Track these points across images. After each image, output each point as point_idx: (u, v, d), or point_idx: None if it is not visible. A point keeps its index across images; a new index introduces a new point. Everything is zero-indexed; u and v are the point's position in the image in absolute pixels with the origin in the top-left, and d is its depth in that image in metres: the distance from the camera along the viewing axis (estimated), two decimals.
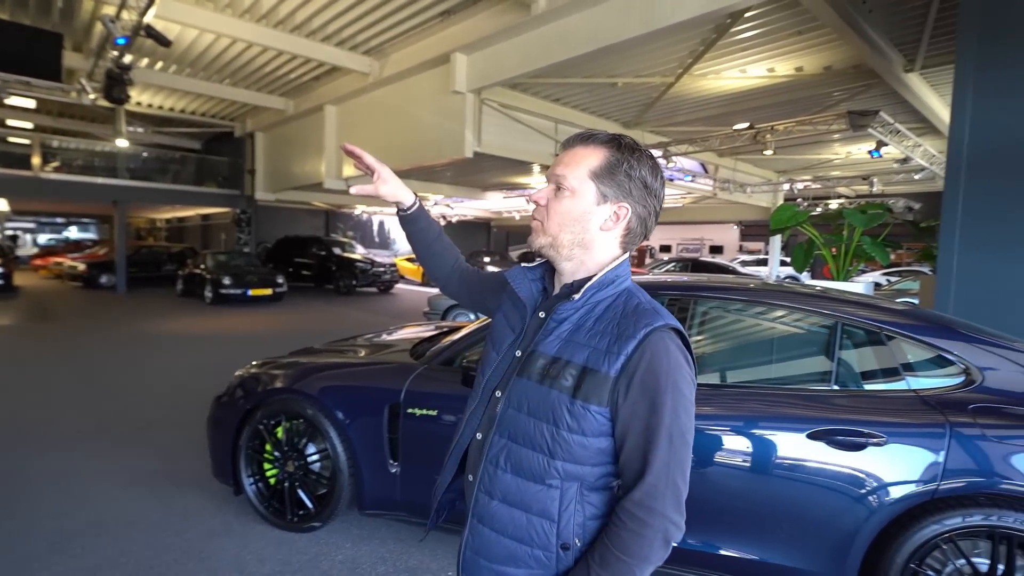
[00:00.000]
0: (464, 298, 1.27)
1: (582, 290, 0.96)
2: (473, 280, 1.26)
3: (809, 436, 1.92)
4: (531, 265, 1.09)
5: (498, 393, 1.01)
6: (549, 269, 1.07)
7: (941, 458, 1.78)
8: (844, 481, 1.87)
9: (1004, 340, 2.05)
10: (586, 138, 0.98)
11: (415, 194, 1.21)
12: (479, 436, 1.03)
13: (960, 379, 1.94)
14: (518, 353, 1.01)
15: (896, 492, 1.82)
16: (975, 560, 1.80)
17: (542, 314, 1.01)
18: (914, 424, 1.86)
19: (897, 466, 1.83)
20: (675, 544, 0.88)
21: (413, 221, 1.21)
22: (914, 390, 1.95)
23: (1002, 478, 1.74)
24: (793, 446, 1.93)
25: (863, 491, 1.85)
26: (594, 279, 0.96)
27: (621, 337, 0.90)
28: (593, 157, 0.96)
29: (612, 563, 0.86)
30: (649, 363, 0.87)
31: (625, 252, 1.01)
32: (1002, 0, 3.45)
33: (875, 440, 1.85)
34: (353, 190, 1.21)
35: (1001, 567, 1.77)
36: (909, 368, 2.01)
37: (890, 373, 2.03)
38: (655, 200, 0.99)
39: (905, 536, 1.82)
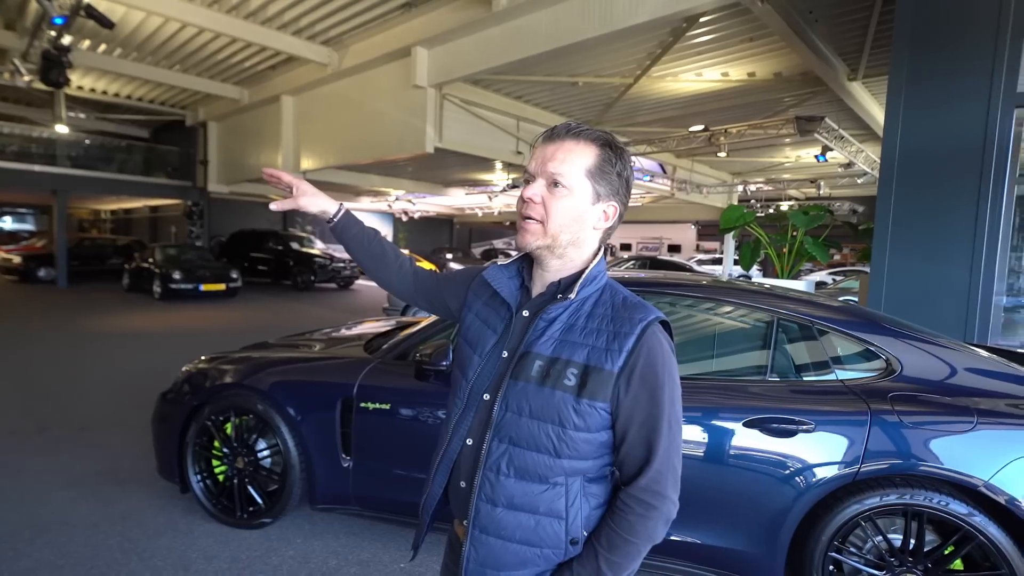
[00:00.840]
0: (421, 300, 1.23)
1: (575, 288, 0.95)
2: (429, 282, 1.22)
3: (745, 424, 2.02)
4: (506, 263, 1.08)
5: (487, 396, 0.99)
6: (525, 265, 1.06)
7: (862, 442, 1.92)
8: (776, 466, 1.99)
9: (926, 335, 2.21)
10: (576, 133, 0.96)
11: (340, 203, 1.20)
12: (470, 442, 1.00)
13: (882, 369, 2.09)
14: (505, 354, 0.99)
15: (822, 474, 1.94)
16: (891, 536, 1.95)
17: (526, 313, 1.00)
18: (840, 412, 1.98)
19: (824, 451, 1.96)
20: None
21: (345, 229, 1.19)
22: (841, 380, 2.09)
23: (917, 459, 1.88)
24: (732, 434, 2.03)
25: (793, 475, 1.97)
26: (584, 276, 0.96)
27: (619, 334, 0.92)
28: (587, 154, 0.94)
29: (620, 546, 0.90)
30: (647, 357, 0.90)
31: (601, 247, 1.02)
32: (931, 18, 3.69)
33: (804, 427, 1.97)
34: (273, 206, 1.19)
35: (913, 541, 1.92)
36: (838, 360, 2.14)
37: (820, 365, 2.16)
38: (630, 198, 1.02)
39: (830, 516, 1.95)
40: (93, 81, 12.46)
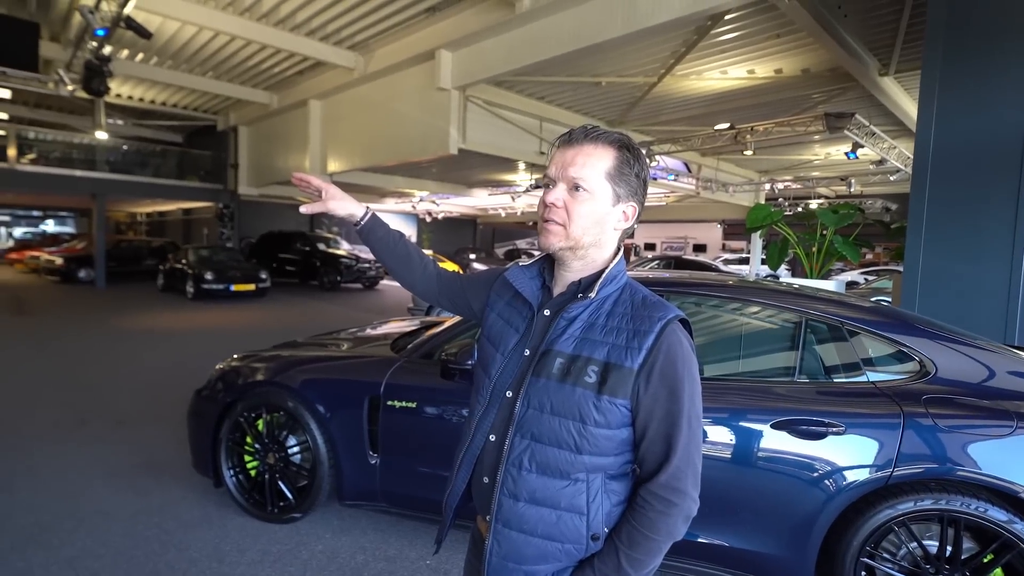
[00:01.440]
0: (444, 301, 1.26)
1: (596, 288, 0.97)
2: (452, 283, 1.25)
3: (773, 426, 1.99)
4: (527, 263, 1.10)
5: (509, 394, 1.01)
6: (547, 265, 1.08)
7: (896, 446, 1.87)
8: (805, 469, 1.95)
9: (962, 336, 2.15)
10: (594, 136, 0.97)
11: (367, 207, 1.23)
12: (492, 438, 1.02)
13: (915, 371, 2.04)
14: (527, 352, 1.01)
15: (854, 478, 1.90)
16: (926, 542, 1.90)
17: (547, 312, 1.02)
18: (871, 414, 1.94)
19: (855, 454, 1.92)
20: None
21: (371, 231, 1.22)
22: (872, 382, 2.04)
23: (953, 464, 1.83)
24: (759, 436, 2.01)
25: (823, 478, 1.93)
26: (604, 275, 0.98)
27: (638, 332, 0.93)
28: (606, 157, 0.96)
29: (641, 542, 0.91)
30: (667, 355, 0.92)
31: (620, 247, 1.04)
32: (967, 9, 3.57)
33: (835, 429, 1.94)
34: (303, 210, 1.23)
35: (949, 548, 1.87)
36: (869, 362, 2.10)
37: (851, 366, 2.11)
38: (646, 196, 1.04)
39: (861, 520, 1.91)
40: (131, 89, 12.90)
